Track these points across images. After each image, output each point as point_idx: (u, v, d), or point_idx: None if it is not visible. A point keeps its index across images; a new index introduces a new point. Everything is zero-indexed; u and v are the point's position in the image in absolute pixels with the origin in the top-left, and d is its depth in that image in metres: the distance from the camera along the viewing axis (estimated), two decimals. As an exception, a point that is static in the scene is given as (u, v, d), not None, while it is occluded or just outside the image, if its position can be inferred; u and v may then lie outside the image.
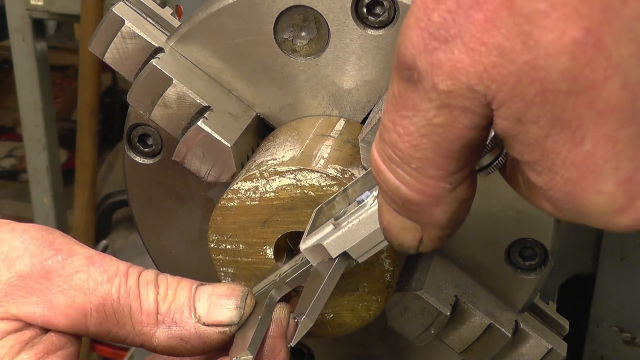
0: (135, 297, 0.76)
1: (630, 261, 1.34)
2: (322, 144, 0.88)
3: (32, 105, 2.92)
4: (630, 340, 1.38)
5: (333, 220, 0.76)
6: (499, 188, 0.88)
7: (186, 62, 0.90)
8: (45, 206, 3.10)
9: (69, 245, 0.77)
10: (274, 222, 0.84)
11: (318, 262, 0.77)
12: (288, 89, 0.91)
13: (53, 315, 0.74)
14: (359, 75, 0.89)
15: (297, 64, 0.90)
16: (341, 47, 0.88)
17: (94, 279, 0.75)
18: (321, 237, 0.76)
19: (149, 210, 0.99)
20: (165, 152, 0.94)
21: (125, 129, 0.94)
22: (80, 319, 0.74)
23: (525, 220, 0.90)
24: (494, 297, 0.93)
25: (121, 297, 0.75)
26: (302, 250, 0.78)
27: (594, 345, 1.39)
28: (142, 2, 0.93)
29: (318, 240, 0.76)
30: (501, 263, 0.92)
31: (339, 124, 0.92)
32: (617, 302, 1.38)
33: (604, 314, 1.38)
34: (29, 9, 2.78)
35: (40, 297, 0.74)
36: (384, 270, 0.84)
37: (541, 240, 0.91)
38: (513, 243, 0.91)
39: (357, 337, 0.95)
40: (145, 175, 0.97)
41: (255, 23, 0.88)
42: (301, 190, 0.83)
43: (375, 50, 0.87)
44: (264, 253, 0.86)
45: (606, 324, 1.38)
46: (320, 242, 0.76)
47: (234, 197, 0.83)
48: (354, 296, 0.86)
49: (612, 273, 1.35)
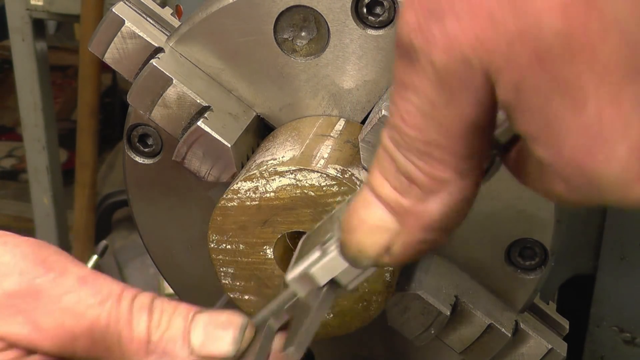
0: (127, 324, 0.72)
1: (630, 261, 1.34)
2: (322, 144, 0.88)
3: (32, 105, 2.92)
4: (630, 340, 1.38)
5: (320, 246, 0.71)
6: (498, 188, 0.88)
7: (186, 62, 0.90)
8: (45, 206, 3.10)
9: (62, 263, 0.73)
10: (274, 222, 0.84)
11: (306, 292, 0.71)
12: (288, 89, 0.91)
13: (39, 337, 0.71)
14: (359, 75, 0.89)
15: (297, 64, 0.90)
16: (341, 47, 0.88)
17: (85, 301, 0.71)
18: (307, 266, 0.70)
19: (149, 210, 0.99)
20: (165, 152, 0.94)
21: (125, 129, 0.94)
22: (67, 343, 0.71)
23: (525, 220, 0.90)
24: (494, 297, 0.93)
25: (111, 323, 0.71)
26: (288, 281, 0.72)
27: (594, 345, 1.39)
28: (142, 2, 0.93)
29: (304, 269, 0.70)
30: (501, 263, 0.92)
31: (339, 124, 0.92)
32: (617, 302, 1.38)
33: (604, 314, 1.38)
34: (29, 9, 2.78)
35: (27, 317, 0.71)
36: (383, 270, 0.84)
37: (541, 240, 0.91)
38: (513, 243, 0.91)
39: (357, 337, 0.95)
40: (145, 175, 0.97)
41: (255, 23, 0.88)
42: (301, 190, 0.83)
43: (375, 50, 0.87)
44: (264, 253, 0.86)
45: (606, 324, 1.38)
46: (307, 270, 0.70)
47: (234, 197, 0.83)
48: (354, 296, 0.86)
49: (612, 273, 1.35)
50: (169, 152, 0.92)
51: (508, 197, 0.89)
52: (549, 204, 0.90)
